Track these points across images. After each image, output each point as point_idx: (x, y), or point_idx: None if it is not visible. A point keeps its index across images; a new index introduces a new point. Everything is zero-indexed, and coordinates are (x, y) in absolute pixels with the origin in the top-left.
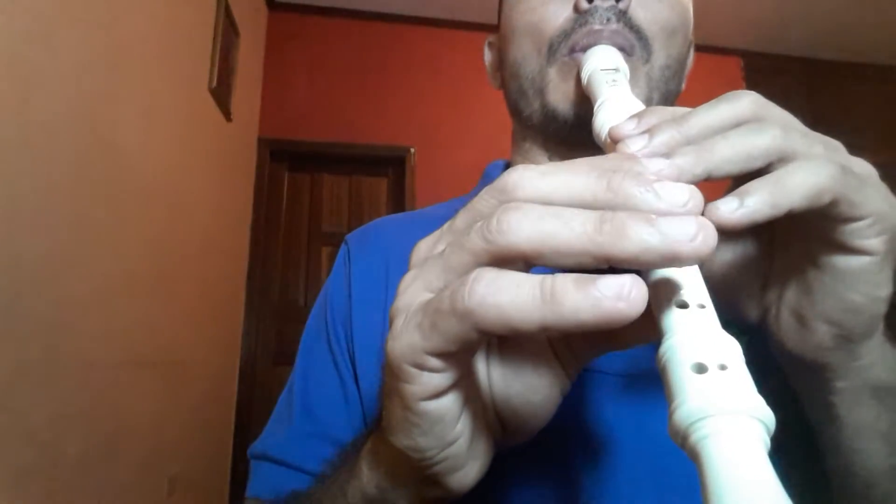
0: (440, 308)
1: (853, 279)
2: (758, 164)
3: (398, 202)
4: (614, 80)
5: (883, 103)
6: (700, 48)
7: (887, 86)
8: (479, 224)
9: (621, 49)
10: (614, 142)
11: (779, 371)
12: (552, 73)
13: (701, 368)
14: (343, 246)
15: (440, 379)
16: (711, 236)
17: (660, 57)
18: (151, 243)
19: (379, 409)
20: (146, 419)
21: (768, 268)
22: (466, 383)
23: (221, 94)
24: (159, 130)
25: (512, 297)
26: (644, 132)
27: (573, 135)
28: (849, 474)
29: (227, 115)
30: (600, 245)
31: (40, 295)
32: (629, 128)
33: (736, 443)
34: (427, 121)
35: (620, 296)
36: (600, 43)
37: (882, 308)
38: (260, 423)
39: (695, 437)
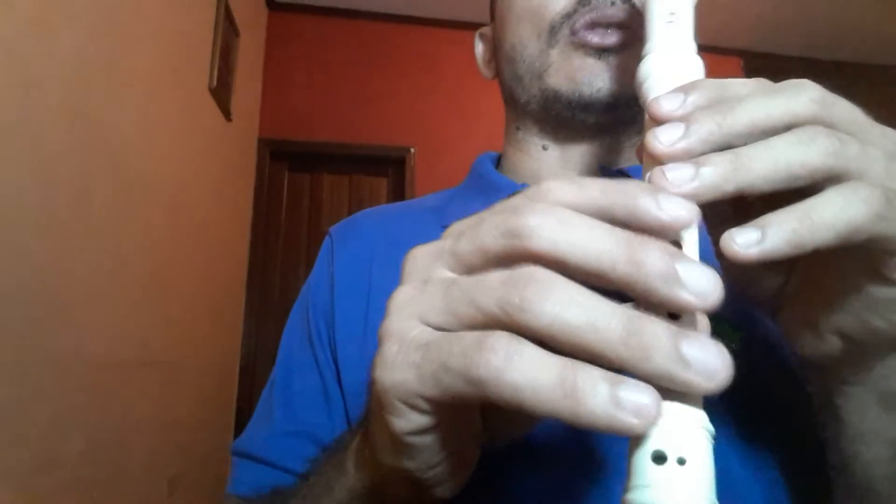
0: (448, 365)
1: (884, 308)
2: (800, 184)
3: (395, 202)
4: (672, 14)
5: (883, 103)
6: (700, 48)
7: (887, 86)
8: (495, 283)
9: (627, 28)
10: (651, 118)
11: (779, 363)
12: (554, 56)
13: (660, 459)
14: (327, 238)
15: (428, 420)
16: (726, 375)
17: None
18: (151, 243)
19: (364, 410)
20: (146, 419)
21: (791, 266)
22: (455, 416)
23: (221, 94)
24: (159, 130)
25: (530, 380)
26: (682, 117)
27: (576, 118)
28: (848, 474)
29: (227, 115)
30: (622, 359)
31: (40, 295)
32: (670, 107)
33: None
34: (427, 121)
35: (639, 413)
36: (606, 19)
37: None
38: None
39: None
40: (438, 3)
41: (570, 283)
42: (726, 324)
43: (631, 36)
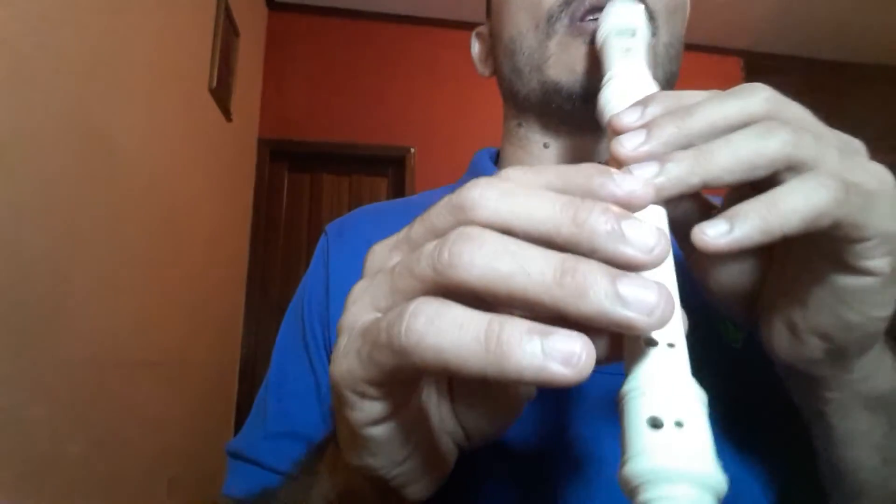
0: (377, 340)
1: (852, 298)
2: (761, 173)
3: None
4: (627, 49)
5: (883, 104)
6: (700, 48)
7: (887, 86)
8: (430, 248)
9: None
10: (613, 132)
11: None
12: (552, 47)
13: (656, 423)
14: (322, 237)
15: (381, 407)
16: (669, 310)
17: (664, 34)
18: (151, 243)
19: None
20: (146, 419)
21: (765, 270)
22: (415, 406)
23: (221, 94)
24: (159, 131)
25: (452, 339)
26: (643, 126)
27: (577, 110)
28: (839, 479)
29: (227, 115)
30: (556, 300)
31: (40, 295)
32: (629, 119)
33: None
34: (427, 121)
35: (569, 362)
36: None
37: (880, 327)
38: None
39: (644, 496)
40: (438, 3)
41: (501, 236)
42: (728, 323)
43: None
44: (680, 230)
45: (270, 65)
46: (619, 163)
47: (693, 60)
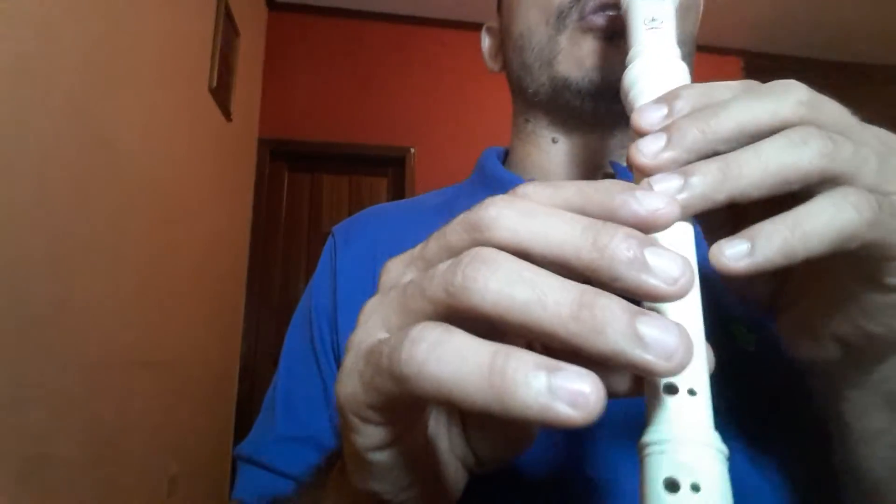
0: (379, 364)
1: (878, 312)
2: (793, 188)
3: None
4: (653, 19)
5: (883, 104)
6: (700, 48)
7: (888, 86)
8: (443, 268)
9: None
10: (634, 130)
11: (792, 364)
12: (562, 42)
13: (673, 487)
14: (329, 238)
15: (385, 433)
16: (689, 355)
17: (677, 33)
18: (151, 243)
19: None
20: (146, 419)
21: (787, 272)
22: (421, 432)
23: (221, 94)
24: (159, 130)
25: (454, 370)
26: (662, 130)
27: (586, 106)
28: (854, 477)
29: (227, 115)
30: (572, 334)
31: (40, 295)
32: (653, 119)
33: None
34: (427, 121)
35: (576, 403)
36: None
37: None
38: None
39: None
40: (438, 3)
41: (518, 260)
42: (741, 325)
43: None
44: (705, 220)
45: (270, 65)
46: (638, 170)
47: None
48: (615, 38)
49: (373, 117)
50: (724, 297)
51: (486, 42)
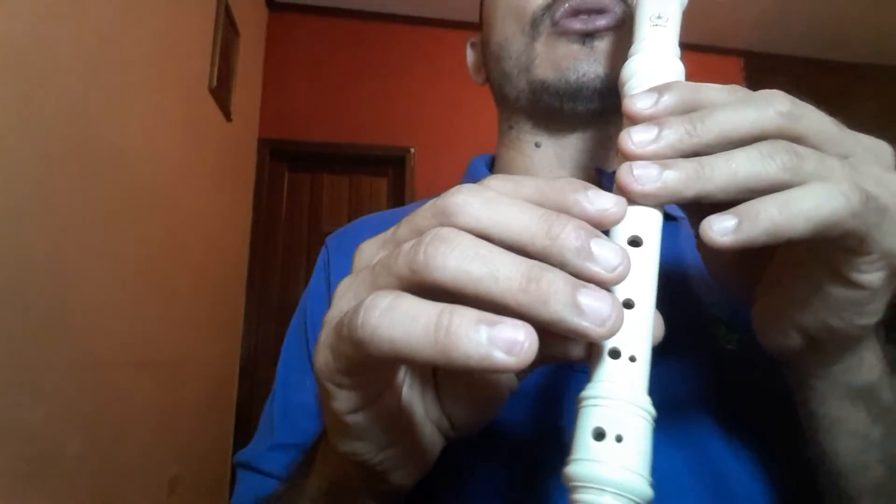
0: (341, 332)
1: (838, 307)
2: (756, 195)
3: (398, 202)
4: (659, 18)
5: (883, 104)
6: (700, 48)
7: (887, 86)
8: (407, 247)
9: (609, 12)
10: (625, 115)
11: (773, 363)
12: (538, 48)
13: (600, 435)
14: (323, 250)
15: (357, 396)
16: (617, 324)
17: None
18: (151, 243)
19: None
20: (146, 419)
21: (768, 258)
22: (394, 394)
23: (221, 94)
24: (159, 131)
25: (404, 330)
26: (654, 117)
27: (565, 107)
28: (825, 467)
29: (227, 115)
30: (521, 304)
31: (41, 295)
32: (642, 106)
33: None
34: (427, 121)
35: (511, 350)
36: (586, 5)
37: (860, 333)
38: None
39: (577, 497)
40: (438, 3)
41: (474, 239)
42: (722, 325)
43: (614, 20)
44: (693, 212)
45: (270, 65)
46: (624, 155)
47: (693, 60)
48: (588, 40)
49: (373, 117)
50: (707, 299)
51: (470, 57)
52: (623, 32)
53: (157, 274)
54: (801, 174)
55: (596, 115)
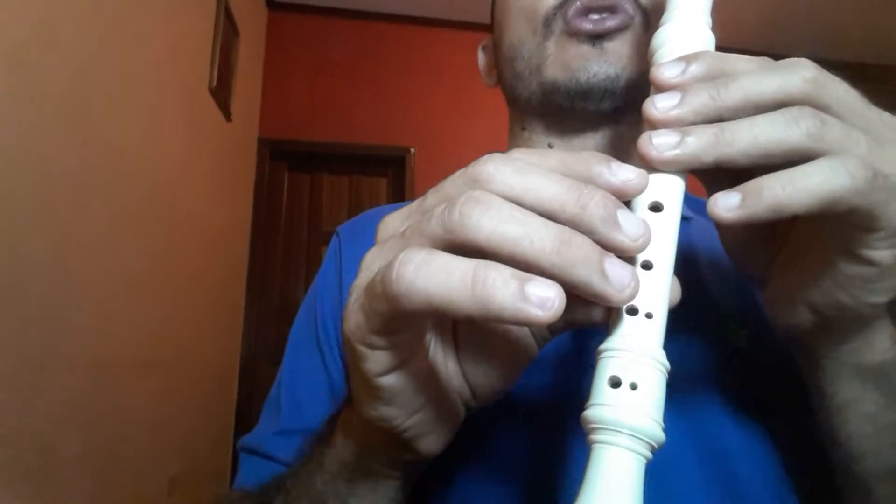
0: (374, 290)
1: (849, 283)
2: (778, 161)
3: (398, 202)
4: None
5: (883, 104)
6: None
7: (887, 86)
8: (440, 209)
9: (620, 12)
10: (652, 84)
11: (782, 356)
12: (550, 48)
13: (616, 384)
14: (335, 238)
15: (390, 357)
16: (635, 290)
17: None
18: (151, 243)
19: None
20: (146, 419)
21: (781, 242)
22: (423, 356)
23: (221, 94)
24: (159, 130)
25: (440, 283)
26: (679, 86)
27: (576, 106)
28: (836, 450)
29: (227, 115)
30: (553, 265)
31: (40, 294)
32: (669, 74)
33: (618, 457)
34: (427, 121)
35: (543, 305)
36: (598, 3)
37: (871, 311)
38: None
39: (594, 437)
40: (438, 3)
41: (509, 203)
42: (731, 321)
43: (625, 20)
44: (710, 183)
45: (270, 65)
46: (648, 122)
47: None
48: (598, 42)
49: (373, 117)
50: (718, 296)
51: (481, 60)
52: (636, 31)
53: (156, 274)
54: (825, 142)
55: (608, 115)
